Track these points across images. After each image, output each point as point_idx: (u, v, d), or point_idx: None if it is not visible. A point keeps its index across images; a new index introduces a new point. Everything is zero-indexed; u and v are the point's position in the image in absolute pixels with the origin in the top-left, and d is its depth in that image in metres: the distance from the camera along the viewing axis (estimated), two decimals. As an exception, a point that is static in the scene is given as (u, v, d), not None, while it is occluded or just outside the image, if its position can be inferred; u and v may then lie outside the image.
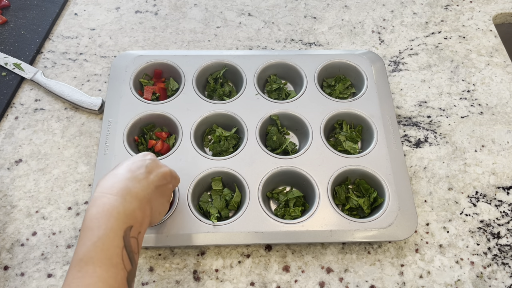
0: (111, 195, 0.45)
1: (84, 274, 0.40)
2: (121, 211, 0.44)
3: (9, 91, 0.76)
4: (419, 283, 0.62)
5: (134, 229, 0.44)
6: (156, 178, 0.51)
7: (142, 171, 0.50)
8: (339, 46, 0.87)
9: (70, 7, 0.91)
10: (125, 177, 0.47)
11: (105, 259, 0.41)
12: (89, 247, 0.41)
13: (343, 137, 0.72)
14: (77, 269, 0.41)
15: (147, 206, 0.48)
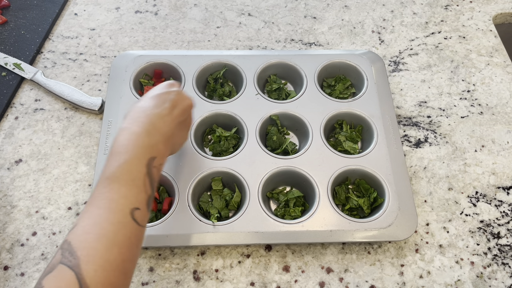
0: (138, 127, 0.49)
1: (110, 189, 0.44)
2: (146, 142, 0.48)
3: (9, 91, 0.76)
4: (419, 283, 0.62)
5: (157, 160, 0.49)
6: (178, 113, 0.54)
7: (166, 106, 0.53)
8: (339, 46, 0.87)
9: (70, 7, 0.91)
10: (151, 112, 0.51)
11: (129, 180, 0.45)
12: (116, 168, 0.46)
13: (343, 137, 0.72)
14: (104, 185, 0.45)
15: (170, 140, 0.52)
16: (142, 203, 0.46)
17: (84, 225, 0.42)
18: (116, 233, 0.42)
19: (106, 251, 0.41)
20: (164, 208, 0.64)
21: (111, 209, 0.43)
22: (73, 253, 0.40)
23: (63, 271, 0.39)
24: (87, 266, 0.39)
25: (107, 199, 0.44)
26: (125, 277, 0.42)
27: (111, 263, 0.41)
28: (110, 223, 0.42)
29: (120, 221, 0.43)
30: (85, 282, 0.38)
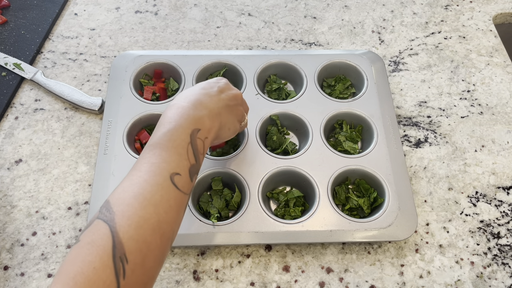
0: (185, 102, 0.52)
1: (152, 155, 0.46)
2: (191, 115, 0.50)
3: (9, 91, 0.76)
4: (419, 283, 0.62)
5: (201, 132, 0.50)
6: (227, 97, 0.56)
7: (214, 90, 0.56)
8: (339, 46, 0.87)
9: (70, 7, 0.91)
10: (198, 92, 0.54)
11: (172, 147, 0.47)
12: (159, 136, 0.48)
13: (343, 137, 0.72)
14: (147, 151, 0.47)
15: (216, 118, 0.53)
16: (183, 169, 0.47)
17: (124, 186, 0.44)
18: (153, 194, 0.43)
19: (142, 209, 0.41)
20: None
21: (151, 172, 0.45)
22: (109, 209, 0.41)
23: (98, 225, 0.40)
24: (121, 221, 0.40)
25: (148, 163, 0.46)
26: (162, 239, 0.42)
27: (146, 220, 0.41)
28: (149, 184, 0.44)
29: (159, 183, 0.44)
30: (118, 235, 0.39)
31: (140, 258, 0.40)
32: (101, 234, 0.39)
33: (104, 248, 0.38)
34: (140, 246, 0.40)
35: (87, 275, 0.37)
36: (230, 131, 0.58)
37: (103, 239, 0.39)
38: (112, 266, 0.38)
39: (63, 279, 0.37)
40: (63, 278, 0.37)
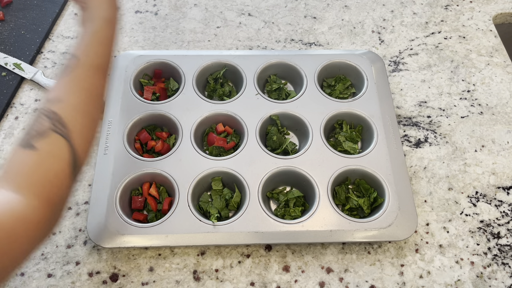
0: None
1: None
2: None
3: (9, 91, 0.76)
4: (419, 283, 0.62)
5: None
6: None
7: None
8: (339, 46, 0.87)
9: (70, 7, 0.90)
10: None
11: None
12: None
13: (342, 137, 0.72)
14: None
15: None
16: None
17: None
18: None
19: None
20: (164, 208, 0.64)
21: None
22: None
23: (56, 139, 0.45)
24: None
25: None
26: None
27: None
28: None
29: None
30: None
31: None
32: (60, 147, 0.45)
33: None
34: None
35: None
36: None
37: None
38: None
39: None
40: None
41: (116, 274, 0.61)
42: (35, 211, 0.40)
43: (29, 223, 0.39)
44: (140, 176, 0.66)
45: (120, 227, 0.61)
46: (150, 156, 0.69)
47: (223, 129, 0.72)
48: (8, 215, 0.38)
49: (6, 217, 0.38)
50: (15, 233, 0.38)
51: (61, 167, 0.44)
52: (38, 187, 0.42)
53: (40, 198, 0.41)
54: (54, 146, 0.44)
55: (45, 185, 0.42)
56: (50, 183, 0.42)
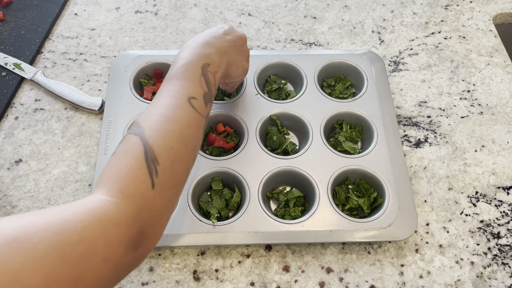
0: (195, 44, 0.58)
1: (170, 84, 0.53)
2: (200, 52, 0.57)
3: (9, 91, 0.76)
4: (419, 283, 0.62)
5: (211, 67, 0.57)
6: (232, 38, 0.62)
7: (220, 32, 0.62)
8: (339, 46, 0.87)
9: (70, 7, 0.91)
10: (205, 35, 0.60)
11: (186, 76, 0.54)
12: (175, 70, 0.55)
13: (342, 138, 0.72)
14: (165, 82, 0.54)
15: (224, 55, 0.59)
16: (198, 94, 0.53)
17: (148, 109, 0.50)
18: (175, 112, 0.50)
19: (166, 123, 0.48)
20: None
21: (170, 97, 0.51)
22: (138, 125, 0.48)
23: (130, 138, 0.47)
24: (149, 132, 0.46)
25: (168, 90, 0.52)
26: (186, 149, 0.49)
27: (171, 132, 0.48)
28: (170, 105, 0.50)
29: (178, 104, 0.50)
30: (148, 143, 0.45)
31: (169, 161, 0.46)
32: (133, 143, 0.46)
33: (137, 153, 0.45)
34: (168, 152, 0.46)
35: (126, 173, 0.43)
36: (239, 70, 0.64)
37: (135, 146, 0.45)
38: (146, 166, 0.44)
39: (105, 179, 0.44)
40: (104, 178, 0.44)
41: (116, 274, 0.61)
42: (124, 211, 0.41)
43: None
44: (140, 176, 0.66)
45: (120, 227, 0.61)
46: (150, 156, 0.69)
47: (223, 129, 0.72)
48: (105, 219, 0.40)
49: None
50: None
51: (135, 160, 0.45)
52: (112, 179, 0.43)
53: (127, 197, 0.42)
54: (128, 144, 0.46)
55: (118, 178, 0.44)
56: (125, 175, 0.44)
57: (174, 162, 0.47)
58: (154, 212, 0.44)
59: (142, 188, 0.43)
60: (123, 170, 0.44)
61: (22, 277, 0.31)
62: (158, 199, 0.44)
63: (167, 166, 0.46)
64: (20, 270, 0.31)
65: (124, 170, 0.44)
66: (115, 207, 0.40)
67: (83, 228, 0.36)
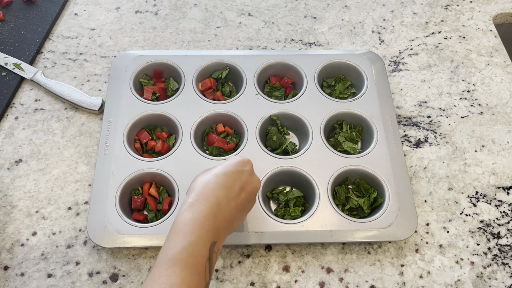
0: (205, 206, 0.48)
1: (171, 273, 0.43)
2: (212, 226, 0.47)
3: (9, 91, 0.76)
4: (419, 283, 0.62)
5: (217, 245, 0.48)
6: (245, 197, 0.52)
7: (235, 188, 0.51)
8: (339, 46, 0.87)
9: (70, 7, 0.91)
10: (219, 193, 0.50)
11: (192, 265, 0.44)
12: (179, 249, 0.44)
13: (342, 138, 0.72)
14: (165, 267, 0.43)
15: (230, 225, 0.51)
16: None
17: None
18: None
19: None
20: (164, 208, 0.64)
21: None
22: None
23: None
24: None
25: (168, 283, 0.42)
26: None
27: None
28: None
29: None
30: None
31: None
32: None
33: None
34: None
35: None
36: (234, 228, 0.55)
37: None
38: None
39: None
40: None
41: (116, 274, 0.61)
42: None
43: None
44: (140, 176, 0.66)
45: (120, 227, 0.61)
46: (150, 156, 0.69)
47: (223, 130, 0.72)
48: None
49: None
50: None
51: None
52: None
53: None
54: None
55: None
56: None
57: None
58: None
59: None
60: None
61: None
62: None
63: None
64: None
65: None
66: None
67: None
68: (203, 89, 0.75)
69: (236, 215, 0.52)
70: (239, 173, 0.52)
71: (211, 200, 0.48)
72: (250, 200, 0.54)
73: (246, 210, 0.56)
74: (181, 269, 0.43)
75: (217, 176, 0.51)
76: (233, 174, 0.52)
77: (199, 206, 0.48)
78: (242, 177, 0.52)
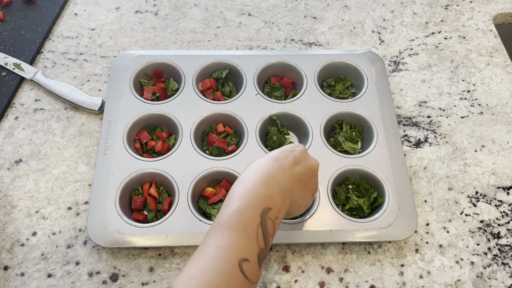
0: (256, 177, 0.47)
1: (219, 236, 0.43)
2: (262, 192, 0.46)
3: (9, 91, 0.76)
4: (419, 283, 0.62)
5: (272, 212, 0.46)
6: (301, 170, 0.52)
7: (288, 161, 0.51)
8: (339, 46, 0.87)
9: (70, 7, 0.91)
10: (271, 164, 0.49)
11: (241, 228, 0.43)
12: (228, 215, 0.44)
13: (342, 138, 0.72)
14: (214, 232, 0.44)
15: (288, 195, 0.49)
16: (252, 255, 0.43)
17: (189, 271, 0.41)
18: (220, 284, 0.40)
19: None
20: (164, 208, 0.64)
21: (218, 256, 0.41)
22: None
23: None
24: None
25: (216, 245, 0.42)
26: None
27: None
28: (216, 272, 0.40)
29: (227, 271, 0.41)
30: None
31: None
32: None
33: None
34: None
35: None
36: (301, 208, 0.54)
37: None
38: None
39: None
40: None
41: (116, 274, 0.61)
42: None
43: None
44: (140, 176, 0.66)
45: (120, 227, 0.61)
46: (150, 156, 0.69)
47: (223, 130, 0.72)
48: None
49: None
50: None
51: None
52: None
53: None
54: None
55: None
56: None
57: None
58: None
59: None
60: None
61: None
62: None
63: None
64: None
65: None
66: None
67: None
68: (203, 89, 0.75)
69: (294, 187, 0.50)
70: (291, 152, 0.52)
71: (262, 171, 0.48)
72: (310, 177, 0.53)
73: (308, 188, 0.54)
74: (230, 232, 0.43)
75: (268, 156, 0.51)
76: (284, 152, 0.52)
77: (250, 178, 0.48)
78: (294, 154, 0.52)
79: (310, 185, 0.54)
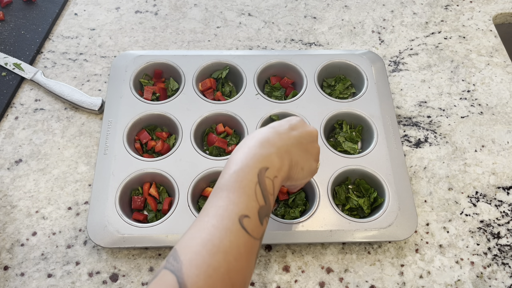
0: (251, 142, 0.49)
1: (218, 198, 0.44)
2: (257, 153, 0.47)
3: (9, 91, 0.76)
4: (419, 283, 0.62)
5: (270, 171, 0.47)
6: (298, 133, 0.52)
7: (284, 127, 0.52)
8: (339, 46, 0.87)
9: (70, 7, 0.91)
10: (266, 131, 0.51)
11: (239, 188, 0.44)
12: (225, 178, 0.46)
13: (342, 138, 0.72)
14: (214, 194, 0.45)
15: (286, 155, 0.49)
16: (252, 211, 0.44)
17: (191, 232, 0.42)
18: (222, 239, 0.40)
19: (210, 257, 0.39)
20: (164, 208, 0.64)
21: (218, 215, 0.42)
22: (176, 258, 0.39)
23: (165, 276, 0.38)
24: (189, 271, 0.38)
25: (215, 206, 0.43)
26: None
27: (215, 269, 0.39)
28: (217, 229, 0.41)
29: (227, 227, 0.41)
30: (185, 286, 0.37)
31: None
32: (167, 285, 0.38)
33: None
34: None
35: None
36: (304, 172, 0.53)
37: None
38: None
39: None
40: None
41: (116, 274, 0.61)
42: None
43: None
44: (140, 176, 0.66)
45: (120, 227, 0.61)
46: (150, 156, 0.69)
47: (223, 130, 0.72)
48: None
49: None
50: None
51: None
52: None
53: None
54: (162, 286, 0.39)
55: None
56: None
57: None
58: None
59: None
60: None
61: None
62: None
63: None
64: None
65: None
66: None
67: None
68: (203, 89, 0.75)
69: (293, 148, 0.50)
70: (287, 121, 0.53)
71: (257, 136, 0.49)
72: (309, 141, 0.53)
73: (309, 152, 0.54)
74: (228, 192, 0.44)
75: (263, 127, 0.52)
76: (279, 122, 0.53)
77: (245, 143, 0.49)
78: (290, 122, 0.53)
79: (311, 149, 0.54)
